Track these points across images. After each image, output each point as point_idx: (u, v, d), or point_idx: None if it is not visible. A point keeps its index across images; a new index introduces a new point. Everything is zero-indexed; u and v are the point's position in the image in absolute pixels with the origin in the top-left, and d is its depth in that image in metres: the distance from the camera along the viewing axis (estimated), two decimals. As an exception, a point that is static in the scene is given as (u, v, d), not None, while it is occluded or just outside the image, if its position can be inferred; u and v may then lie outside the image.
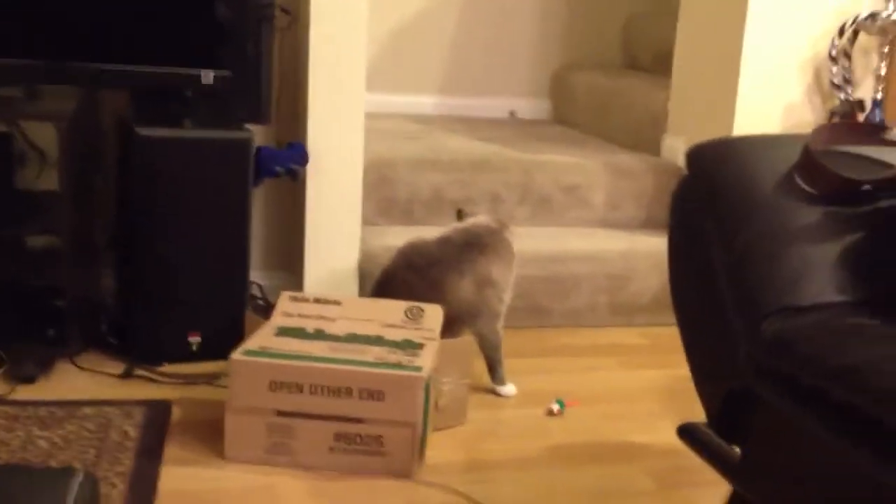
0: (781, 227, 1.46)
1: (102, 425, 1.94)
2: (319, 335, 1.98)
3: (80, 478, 0.97)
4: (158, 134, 2.22)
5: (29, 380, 2.11)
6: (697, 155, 1.60)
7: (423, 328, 2.03)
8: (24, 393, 2.07)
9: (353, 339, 1.97)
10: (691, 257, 1.60)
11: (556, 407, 2.15)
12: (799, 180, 1.48)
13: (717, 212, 1.51)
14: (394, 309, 2.08)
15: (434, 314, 2.06)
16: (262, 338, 1.95)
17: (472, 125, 3.56)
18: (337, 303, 2.11)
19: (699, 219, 1.55)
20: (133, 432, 1.92)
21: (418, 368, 1.83)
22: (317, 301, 2.11)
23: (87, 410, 2.00)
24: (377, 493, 1.77)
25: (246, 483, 1.77)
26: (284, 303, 2.10)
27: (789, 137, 1.67)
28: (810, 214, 1.46)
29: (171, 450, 1.86)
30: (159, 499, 1.69)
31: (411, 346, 1.94)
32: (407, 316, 2.06)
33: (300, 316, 2.06)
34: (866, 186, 1.47)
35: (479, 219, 2.30)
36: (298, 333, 1.98)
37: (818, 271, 1.43)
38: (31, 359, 2.14)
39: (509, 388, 2.21)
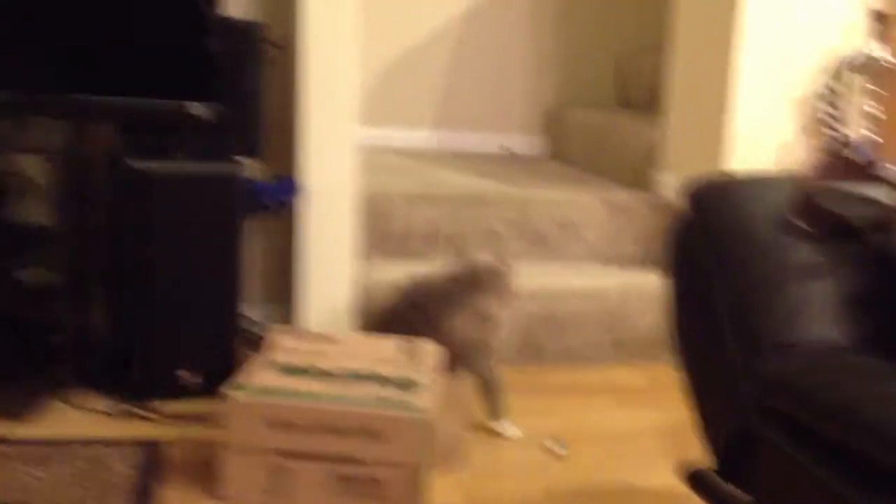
0: (781, 267, 1.48)
1: (94, 464, 1.89)
2: (314, 371, 1.95)
3: None
4: (150, 167, 2.20)
5: (19, 417, 2.07)
6: (695, 193, 1.60)
7: (421, 366, 2.00)
8: (14, 430, 2.02)
9: (351, 376, 1.94)
10: (692, 297, 1.60)
11: (556, 447, 2.12)
12: (796, 219, 1.50)
13: (717, 251, 1.53)
14: (392, 346, 2.06)
15: (432, 351, 2.04)
16: (257, 374, 1.91)
17: (467, 160, 3.56)
18: (332, 338, 2.08)
19: (699, 258, 1.56)
20: (126, 472, 1.87)
21: (420, 409, 1.81)
22: (311, 336, 2.09)
23: (79, 449, 1.96)
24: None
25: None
26: (280, 338, 2.07)
27: (785, 176, 1.68)
28: (809, 254, 1.49)
29: (166, 491, 1.82)
30: (154, 542, 1.65)
31: (412, 385, 1.92)
32: (405, 353, 2.04)
33: (297, 352, 2.03)
34: (861, 224, 1.49)
35: (479, 257, 2.28)
36: (294, 370, 1.95)
37: (817, 309, 1.44)
38: (22, 396, 2.10)
39: (510, 428, 2.19)
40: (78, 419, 2.12)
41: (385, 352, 2.04)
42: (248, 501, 1.79)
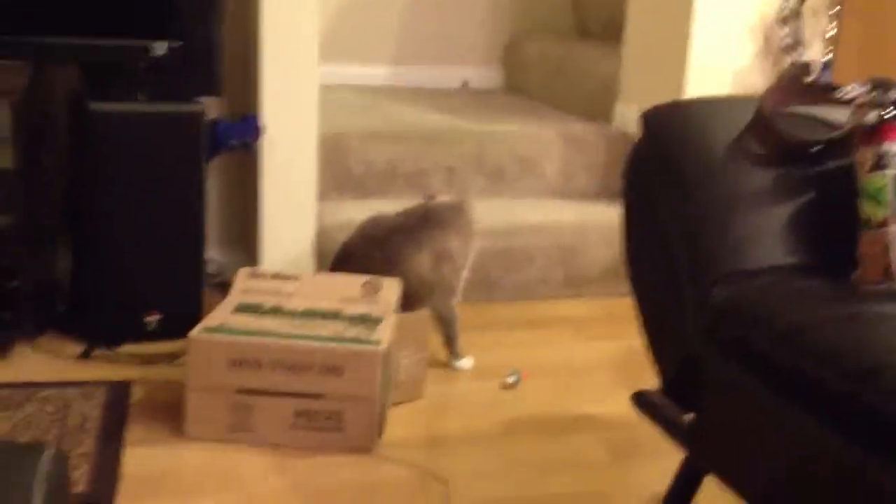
0: (732, 192, 1.49)
1: (62, 407, 1.94)
2: (277, 311, 2.00)
3: (49, 453, 0.95)
4: (111, 108, 2.20)
5: (-15, 362, 2.11)
6: (651, 119, 1.60)
7: (380, 302, 2.05)
8: (-19, 375, 2.06)
9: (311, 314, 1.99)
10: (645, 224, 1.62)
11: (511, 379, 2.20)
12: (751, 142, 1.51)
13: (669, 177, 1.53)
14: (351, 283, 2.10)
15: (391, 288, 2.09)
16: (220, 315, 1.96)
17: (425, 96, 3.56)
18: (295, 278, 2.12)
19: (652, 185, 1.57)
20: (94, 413, 1.92)
21: (377, 343, 1.86)
22: (274, 277, 2.13)
23: (47, 392, 2.00)
24: (338, 469, 1.81)
25: (208, 461, 1.79)
26: (242, 279, 2.11)
27: (741, 100, 1.68)
28: (761, 178, 1.49)
29: (132, 430, 1.88)
30: (123, 480, 1.70)
31: (369, 321, 1.97)
32: (364, 290, 2.09)
33: (258, 292, 2.07)
34: (817, 147, 1.50)
35: (442, 197, 2.32)
36: (256, 309, 2.00)
37: (767, 235, 1.46)
38: (-13, 341, 2.13)
39: (466, 362, 2.26)
40: (44, 363, 2.16)
41: (345, 289, 2.09)
42: (211, 438, 1.85)
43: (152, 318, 2.27)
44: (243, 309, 1.99)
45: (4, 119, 2.19)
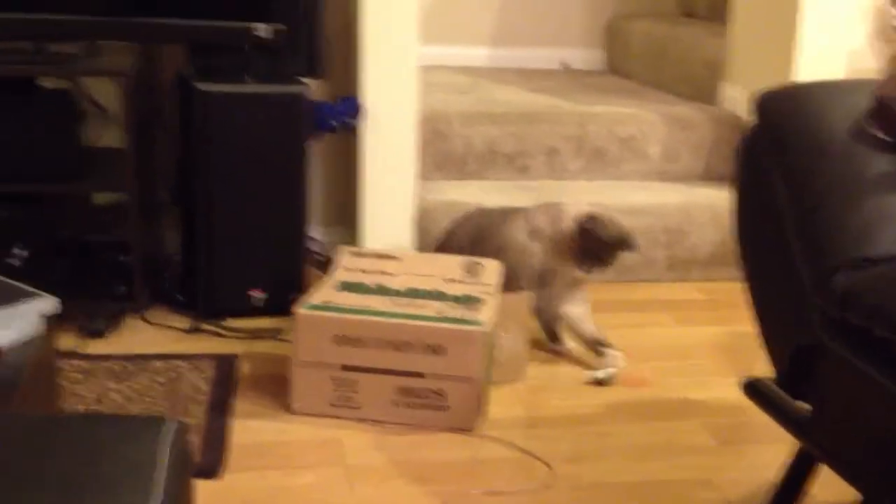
0: (854, 177, 1.43)
1: (173, 379, 2.00)
2: (380, 290, 2.01)
3: (172, 425, 0.98)
4: (217, 89, 2.25)
5: (99, 334, 2.18)
6: (766, 102, 1.55)
7: (481, 283, 2.05)
8: (95, 347, 2.13)
9: (413, 293, 2.00)
10: (759, 208, 1.57)
11: (601, 374, 2.10)
12: (872, 128, 1.45)
13: (787, 161, 1.48)
14: (453, 264, 2.10)
15: (493, 269, 2.08)
16: (324, 292, 1.98)
17: (525, 76, 3.53)
18: (397, 258, 2.13)
19: (768, 169, 1.52)
20: (203, 386, 1.97)
21: (479, 323, 1.86)
22: (377, 256, 2.14)
23: (158, 364, 2.06)
24: (440, 446, 1.81)
25: (313, 436, 1.82)
26: (345, 258, 2.13)
27: (859, 83, 1.62)
28: (884, 163, 1.43)
29: (240, 403, 1.92)
30: (231, 451, 1.74)
31: (471, 301, 1.97)
32: (466, 271, 2.08)
33: (360, 271, 2.09)
34: None
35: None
36: (359, 288, 2.01)
37: (892, 221, 1.40)
38: (101, 314, 2.20)
39: (570, 347, 2.22)
40: (154, 336, 2.22)
41: (447, 269, 2.09)
42: (315, 413, 1.88)
43: (257, 295, 2.32)
44: (347, 287, 2.01)
45: (115, 99, 2.26)
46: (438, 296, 1.99)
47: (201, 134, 2.26)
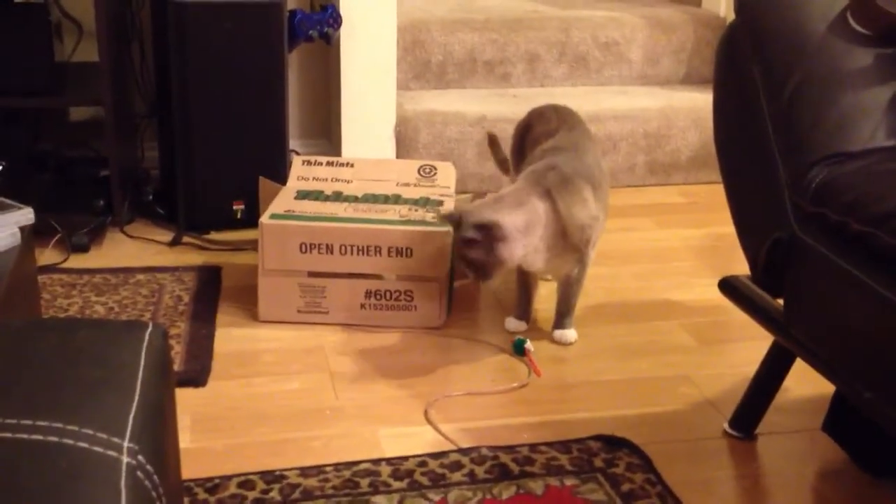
0: (832, 72, 1.42)
1: (156, 290, 2.01)
2: (338, 197, 2.01)
3: (152, 329, 0.98)
4: (193, -1, 2.20)
5: (82, 248, 2.18)
6: None
7: (437, 185, 2.06)
8: (78, 261, 2.14)
9: (371, 199, 2.00)
10: (737, 106, 1.56)
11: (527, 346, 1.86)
12: (851, 21, 1.44)
13: (765, 57, 1.47)
14: (407, 168, 2.11)
15: (447, 171, 2.09)
16: (284, 201, 1.98)
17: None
18: (350, 164, 2.13)
19: (747, 65, 1.51)
20: (186, 297, 1.98)
21: (444, 224, 1.87)
22: (329, 164, 2.14)
23: (140, 277, 2.07)
24: (410, 343, 1.84)
25: (295, 343, 1.84)
26: (298, 167, 2.13)
27: None
28: (863, 57, 1.41)
29: (222, 313, 1.93)
30: (216, 359, 1.76)
31: (430, 204, 1.98)
32: (420, 174, 2.09)
33: (315, 179, 2.09)
34: None
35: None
36: (318, 196, 2.01)
37: (869, 116, 1.39)
38: (83, 228, 2.20)
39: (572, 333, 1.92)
40: (136, 249, 2.23)
41: (401, 173, 2.10)
42: (284, 320, 1.90)
43: (238, 207, 2.31)
44: (305, 195, 2.01)
45: (89, 13, 2.21)
46: (396, 199, 2.00)
47: (176, 45, 2.22)
